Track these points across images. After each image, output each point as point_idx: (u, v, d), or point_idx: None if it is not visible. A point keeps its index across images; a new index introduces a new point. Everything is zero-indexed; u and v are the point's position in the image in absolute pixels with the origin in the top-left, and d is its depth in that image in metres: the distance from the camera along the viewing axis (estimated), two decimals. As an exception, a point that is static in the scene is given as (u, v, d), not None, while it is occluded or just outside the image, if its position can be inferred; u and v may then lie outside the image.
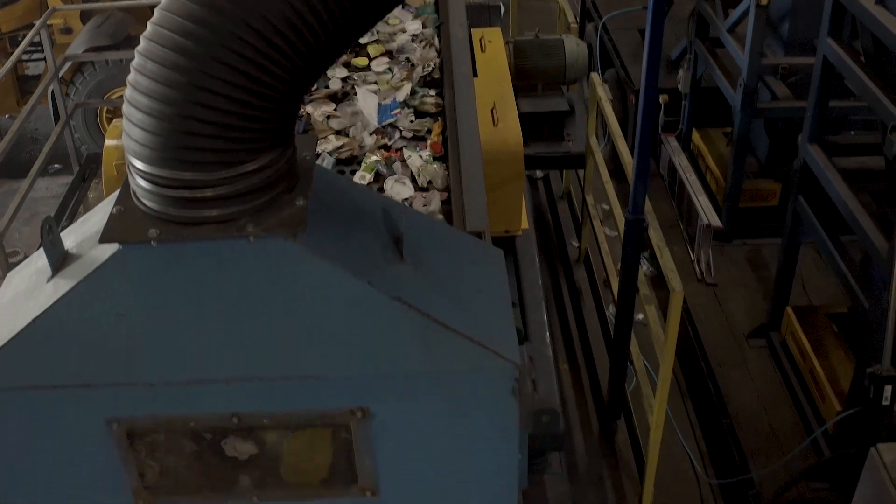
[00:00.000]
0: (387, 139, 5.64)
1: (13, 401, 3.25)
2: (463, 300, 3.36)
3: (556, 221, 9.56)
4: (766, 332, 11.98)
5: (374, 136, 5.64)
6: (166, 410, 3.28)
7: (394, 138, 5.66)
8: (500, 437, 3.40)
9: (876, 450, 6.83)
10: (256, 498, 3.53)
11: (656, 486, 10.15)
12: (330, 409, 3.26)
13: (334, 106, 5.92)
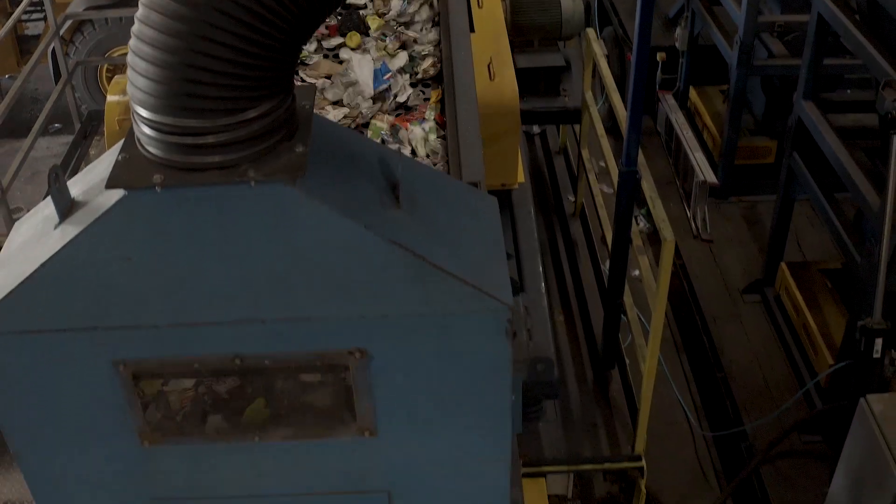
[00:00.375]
0: (384, 104, 5.71)
1: (23, 344, 3.35)
2: (457, 244, 3.46)
3: (553, 176, 9.66)
4: (761, 287, 12.11)
5: (370, 103, 5.71)
6: (171, 352, 3.38)
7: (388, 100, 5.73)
8: (494, 377, 3.50)
9: (865, 401, 6.95)
10: (258, 438, 3.64)
11: (652, 439, 10.28)
12: (329, 350, 3.36)
13: (328, 77, 5.98)
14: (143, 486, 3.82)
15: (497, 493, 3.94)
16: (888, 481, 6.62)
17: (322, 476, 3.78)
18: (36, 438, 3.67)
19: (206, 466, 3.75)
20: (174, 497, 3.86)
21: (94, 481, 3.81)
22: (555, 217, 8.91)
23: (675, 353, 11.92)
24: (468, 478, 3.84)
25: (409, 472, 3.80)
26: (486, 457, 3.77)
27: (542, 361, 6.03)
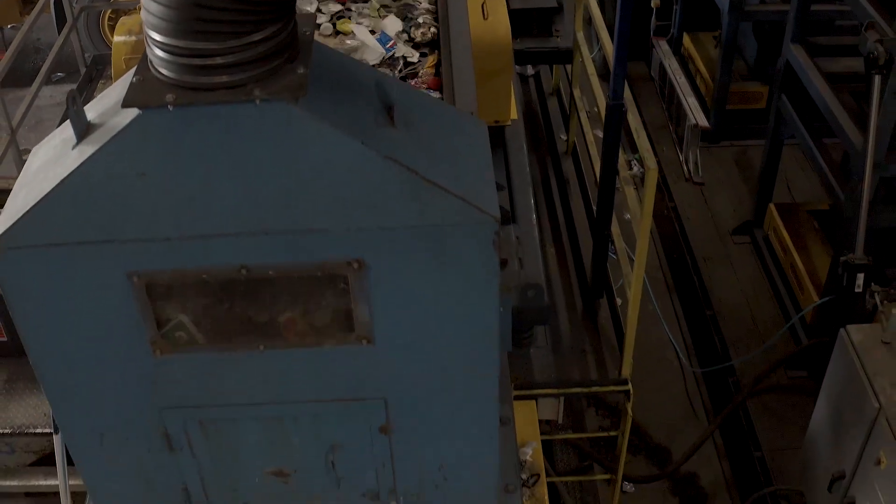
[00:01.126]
0: (391, 70, 5.89)
1: (43, 257, 3.58)
2: (448, 161, 3.68)
3: (546, 116, 9.87)
4: (750, 228, 12.36)
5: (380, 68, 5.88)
6: (181, 264, 3.61)
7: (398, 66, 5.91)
8: (483, 287, 3.72)
9: (845, 331, 7.19)
10: (262, 346, 3.87)
11: (643, 376, 10.57)
12: (329, 260, 3.59)
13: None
14: (154, 395, 4.05)
15: (486, 403, 4.18)
16: (866, 408, 6.87)
17: (323, 384, 4.02)
18: (54, 350, 3.90)
19: (215, 375, 3.98)
20: (183, 406, 4.10)
21: (107, 391, 4.04)
22: (547, 156, 9.12)
23: (667, 293, 12.18)
24: (460, 386, 4.07)
25: (404, 380, 4.03)
26: (475, 366, 4.00)
27: (533, 288, 6.26)
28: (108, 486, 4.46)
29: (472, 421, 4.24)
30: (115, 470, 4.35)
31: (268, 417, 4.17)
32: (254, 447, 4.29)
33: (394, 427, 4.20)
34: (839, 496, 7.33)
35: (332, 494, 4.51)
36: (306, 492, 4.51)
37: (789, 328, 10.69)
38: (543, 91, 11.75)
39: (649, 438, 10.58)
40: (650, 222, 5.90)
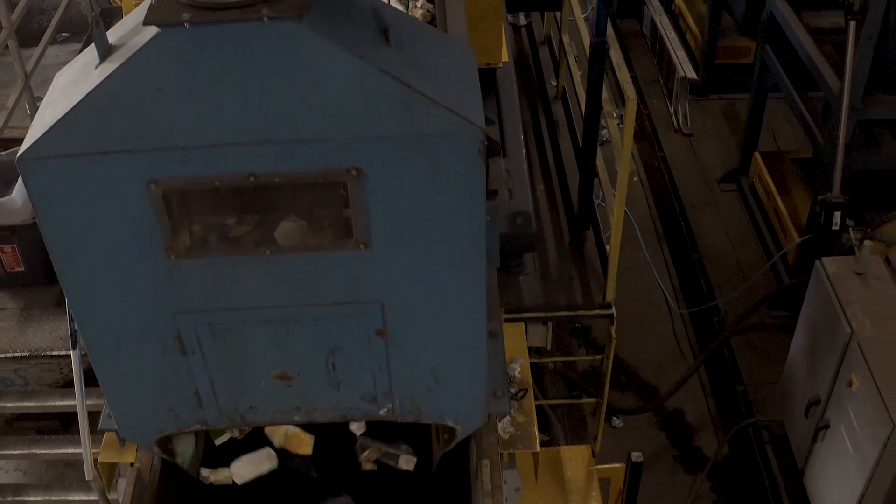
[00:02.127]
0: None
1: (69, 167, 3.90)
2: (438, 78, 4.00)
3: (538, 64, 10.15)
4: (737, 176, 12.69)
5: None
6: (195, 172, 3.93)
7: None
8: (471, 194, 4.04)
9: (821, 262, 7.52)
10: (268, 251, 4.21)
11: (633, 320, 10.96)
12: (330, 168, 3.93)
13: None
14: (168, 299, 4.37)
15: (475, 307, 4.50)
16: (839, 334, 7.22)
17: (324, 288, 4.35)
18: (76, 256, 4.22)
19: (224, 279, 4.31)
20: (195, 309, 4.42)
21: (125, 296, 4.36)
22: (538, 100, 9.42)
23: (657, 241, 12.53)
24: (450, 290, 4.40)
25: (399, 284, 4.36)
26: (464, 270, 4.33)
27: (521, 215, 6.58)
28: (123, 391, 4.78)
29: (462, 325, 4.56)
30: (131, 374, 4.67)
31: (273, 320, 4.49)
32: (260, 350, 4.61)
33: (389, 330, 4.53)
34: (815, 421, 7.67)
35: (332, 398, 4.84)
36: (308, 395, 4.83)
37: (773, 270, 11.04)
38: (535, 40, 12.04)
39: (637, 377, 10.95)
40: (630, 150, 6.19)
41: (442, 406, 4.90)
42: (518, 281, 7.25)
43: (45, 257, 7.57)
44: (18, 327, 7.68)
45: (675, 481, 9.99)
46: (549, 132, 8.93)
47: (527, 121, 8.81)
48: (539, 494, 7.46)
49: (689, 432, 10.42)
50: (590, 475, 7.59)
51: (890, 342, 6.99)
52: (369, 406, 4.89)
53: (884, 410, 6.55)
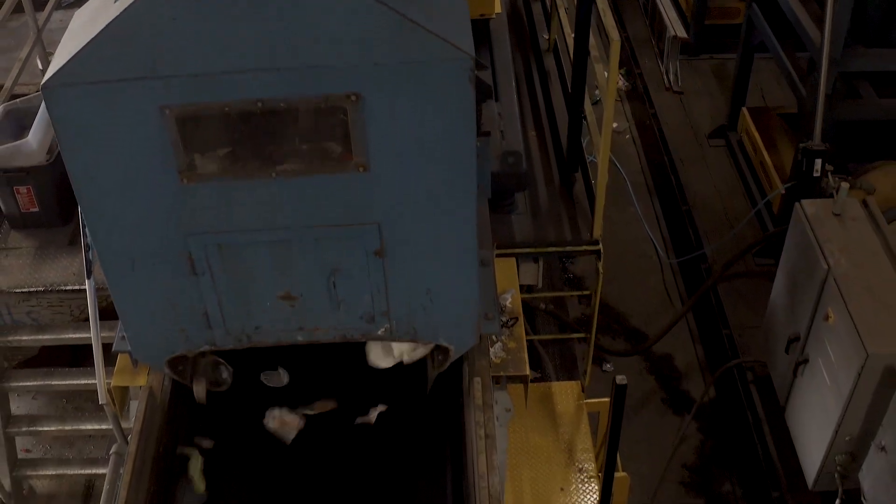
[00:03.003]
0: None
1: (90, 93, 4.20)
2: (431, 10, 4.30)
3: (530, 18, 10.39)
4: (725, 132, 13.01)
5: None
6: (207, 98, 4.24)
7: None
8: (461, 120, 4.35)
9: (800, 204, 7.83)
10: (273, 174, 4.52)
11: (624, 271, 11.30)
12: (330, 93, 4.24)
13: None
14: (179, 221, 4.68)
15: (466, 230, 4.80)
16: (817, 271, 7.53)
17: (325, 209, 4.65)
18: (96, 179, 4.52)
19: (233, 201, 4.62)
20: (205, 231, 4.73)
21: (140, 218, 4.66)
22: (531, 53, 9.68)
23: (648, 196, 12.87)
24: (443, 212, 4.71)
25: (395, 205, 4.66)
26: (456, 193, 4.63)
27: (513, 154, 6.89)
28: (137, 312, 5.09)
29: (454, 247, 4.86)
30: (144, 295, 4.98)
31: (277, 241, 4.79)
32: (265, 271, 4.92)
33: (387, 251, 4.84)
34: (795, 356, 7.99)
35: (333, 318, 5.15)
36: (311, 316, 5.14)
37: (759, 220, 11.35)
38: (528, -5, 12.36)
39: (628, 324, 11.30)
40: (615, 92, 6.46)
41: (436, 326, 5.21)
42: (510, 219, 7.54)
43: (58, 198, 7.99)
44: (33, 265, 8.00)
45: (663, 422, 10.34)
46: (541, 83, 9.20)
47: (519, 73, 9.07)
48: (530, 427, 7.78)
49: (677, 376, 10.76)
50: (579, 409, 7.92)
51: (864, 277, 7.29)
52: (368, 326, 5.19)
53: (858, 341, 6.86)
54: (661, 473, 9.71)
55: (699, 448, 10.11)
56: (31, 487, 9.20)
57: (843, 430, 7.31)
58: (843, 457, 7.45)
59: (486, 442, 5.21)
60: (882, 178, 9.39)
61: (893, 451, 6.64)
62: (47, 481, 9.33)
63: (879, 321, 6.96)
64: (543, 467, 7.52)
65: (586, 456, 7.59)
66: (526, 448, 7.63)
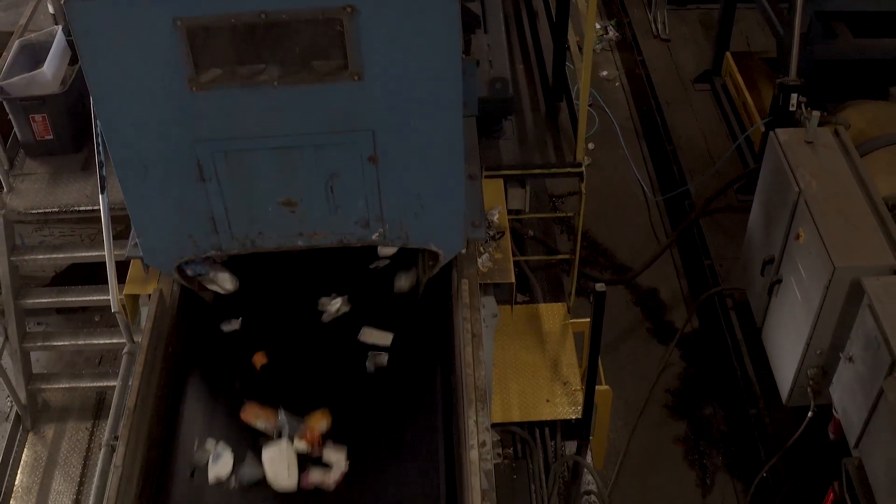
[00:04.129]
0: None
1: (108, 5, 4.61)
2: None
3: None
4: (710, 76, 13.36)
5: None
6: (215, 10, 4.64)
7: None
8: (447, 32, 4.77)
9: (774, 133, 8.19)
10: (276, 82, 4.91)
11: (612, 210, 11.68)
12: (328, 6, 4.63)
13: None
14: (189, 129, 5.07)
15: (453, 137, 5.20)
16: (789, 194, 7.89)
17: (324, 116, 5.05)
18: (112, 89, 4.92)
19: (238, 109, 5.00)
20: (212, 139, 5.12)
21: (152, 126, 5.06)
22: (519, -9, 10.02)
23: (636, 139, 13.24)
24: (432, 121, 5.11)
25: (388, 114, 5.05)
26: (443, 101, 5.03)
27: (500, 80, 7.27)
28: (149, 218, 5.49)
29: (442, 155, 5.27)
30: (156, 201, 5.38)
31: (279, 148, 5.19)
32: (268, 177, 5.32)
33: (380, 157, 5.23)
34: (770, 277, 8.36)
35: (331, 223, 5.54)
36: (310, 221, 5.54)
37: (741, 158, 11.70)
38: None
39: (615, 258, 11.70)
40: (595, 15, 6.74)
41: (426, 231, 5.62)
42: (498, 145, 7.89)
43: (72, 126, 8.39)
44: (48, 188, 8.39)
45: (647, 351, 10.73)
46: (529, 21, 9.54)
47: (508, 12, 9.43)
48: (519, 345, 8.18)
49: (661, 308, 11.15)
50: (565, 328, 8.31)
51: (832, 198, 7.65)
52: (363, 231, 5.59)
53: (826, 257, 7.22)
54: (645, 397, 10.12)
55: (682, 374, 10.51)
56: (44, 401, 9.64)
57: (814, 345, 7.67)
58: (815, 370, 7.82)
59: (472, 339, 5.60)
60: (856, 115, 9.71)
61: (859, 361, 6.99)
62: (60, 394, 9.81)
63: (846, 238, 7.33)
64: (530, 381, 7.92)
65: (571, 371, 7.99)
66: (514, 364, 8.03)
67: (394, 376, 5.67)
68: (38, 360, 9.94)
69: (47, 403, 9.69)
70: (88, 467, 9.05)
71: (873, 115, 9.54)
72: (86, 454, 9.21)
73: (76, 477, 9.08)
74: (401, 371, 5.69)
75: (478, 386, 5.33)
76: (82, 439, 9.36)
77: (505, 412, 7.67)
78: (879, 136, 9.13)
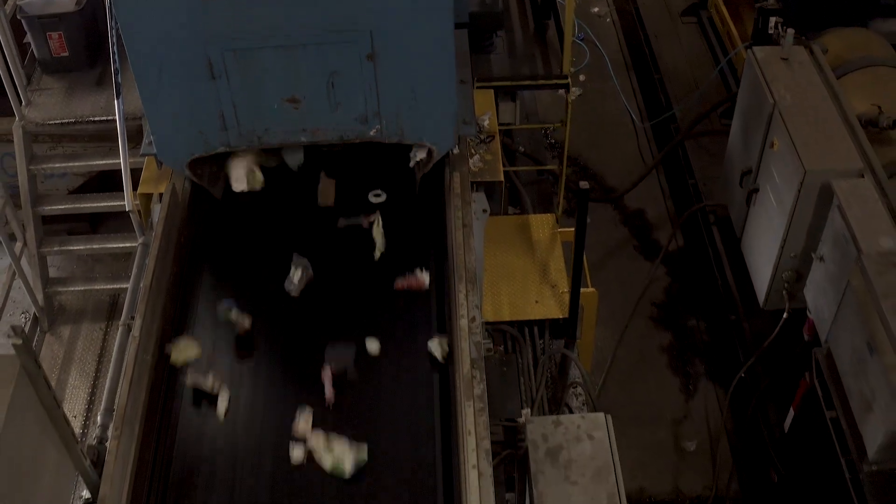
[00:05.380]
0: None
1: None
2: None
3: None
4: (697, 10, 13.67)
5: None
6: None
7: None
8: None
9: (751, 51, 8.52)
10: (281, -18, 5.26)
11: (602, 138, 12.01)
12: None
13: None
14: (200, 29, 5.40)
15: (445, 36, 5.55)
16: (765, 106, 8.24)
17: (326, 16, 5.39)
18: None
19: (247, 8, 5.34)
20: (222, 38, 5.45)
21: (166, 26, 5.39)
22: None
23: (626, 71, 13.56)
24: (424, 21, 5.44)
25: (384, 14, 5.40)
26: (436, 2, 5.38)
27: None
28: (163, 116, 5.82)
29: (435, 53, 5.61)
30: (169, 99, 5.72)
31: (284, 46, 5.52)
32: (273, 75, 5.65)
33: (377, 55, 5.57)
34: (748, 187, 8.70)
35: (332, 119, 5.88)
36: (312, 117, 5.87)
37: (724, 84, 12.00)
38: None
39: (604, 182, 12.06)
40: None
41: (421, 127, 5.96)
42: (489, 59, 8.23)
43: (87, 43, 8.71)
44: (64, 102, 8.74)
45: (634, 268, 11.12)
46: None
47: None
48: (510, 252, 8.53)
49: (648, 228, 11.52)
50: (553, 237, 8.66)
51: (806, 110, 7.98)
52: (362, 127, 5.93)
53: (797, 161, 7.56)
54: (632, 309, 10.51)
55: (667, 288, 10.90)
56: (60, 304, 10.06)
57: (788, 248, 8.03)
58: (789, 273, 8.18)
59: (463, 230, 5.93)
60: (834, 40, 9.97)
61: (829, 260, 7.35)
62: (76, 297, 10.27)
63: (817, 144, 7.68)
64: (520, 284, 8.28)
65: (559, 276, 8.34)
66: (505, 269, 8.38)
67: (388, 264, 5.93)
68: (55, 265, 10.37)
69: (63, 306, 10.11)
70: (103, 364, 9.48)
71: (851, 41, 9.80)
72: (100, 353, 9.66)
73: (91, 373, 9.53)
74: (395, 259, 5.94)
75: (468, 268, 5.65)
76: (97, 339, 9.80)
77: (496, 312, 8.01)
78: (855, 59, 9.41)
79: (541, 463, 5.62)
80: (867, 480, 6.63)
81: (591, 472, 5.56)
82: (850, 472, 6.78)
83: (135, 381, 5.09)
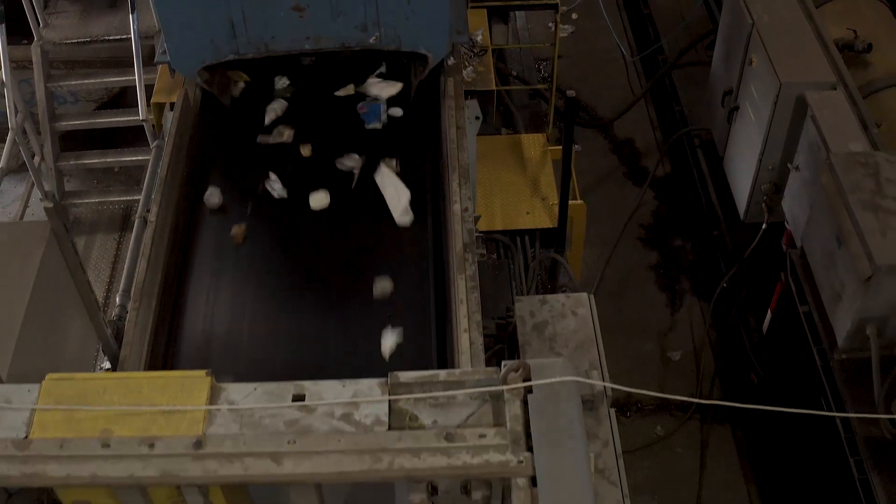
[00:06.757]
0: None
1: None
2: None
3: None
4: (684, -55, 13.89)
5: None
6: None
7: None
8: None
9: (735, -19, 8.81)
10: None
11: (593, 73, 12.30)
12: None
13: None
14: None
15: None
16: (743, 27, 8.57)
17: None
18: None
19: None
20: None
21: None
22: None
23: (617, 11, 13.86)
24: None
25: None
26: None
27: (481, -83, 7.93)
28: (176, 23, 6.14)
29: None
30: (183, 7, 6.04)
31: (288, -47, 5.87)
32: (278, -14, 6.00)
33: (375, -37, 5.92)
34: (728, 106, 9.05)
35: (334, 27, 6.21)
36: (315, 25, 6.19)
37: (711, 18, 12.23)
38: None
39: (596, 114, 12.40)
40: None
41: (416, 35, 6.27)
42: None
43: (100, -36, 9.00)
44: (80, 22, 9.05)
45: (623, 193, 11.47)
46: None
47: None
48: (503, 168, 8.87)
49: (637, 155, 11.88)
50: (544, 154, 9.00)
51: (782, 29, 8.31)
52: (362, 34, 6.25)
53: (773, 75, 7.90)
54: (620, 230, 10.87)
55: (655, 212, 11.25)
56: (76, 216, 10.46)
57: (766, 161, 8.38)
58: (768, 185, 8.53)
59: (457, 131, 6.26)
60: (814, -28, 10.33)
61: (804, 168, 7.69)
62: (90, 210, 10.66)
63: (792, 59, 8.02)
64: (512, 197, 8.62)
65: (549, 190, 8.68)
66: (498, 183, 8.72)
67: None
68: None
69: (78, 219, 10.50)
70: (117, 270, 9.86)
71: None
72: (114, 261, 10.04)
73: (105, 279, 9.93)
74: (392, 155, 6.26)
75: (461, 164, 5.99)
76: (110, 248, 10.21)
77: (489, 222, 8.34)
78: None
79: (528, 336, 5.99)
80: (837, 368, 7.00)
81: (574, 343, 5.93)
82: (822, 361, 7.15)
83: (152, 260, 5.45)
